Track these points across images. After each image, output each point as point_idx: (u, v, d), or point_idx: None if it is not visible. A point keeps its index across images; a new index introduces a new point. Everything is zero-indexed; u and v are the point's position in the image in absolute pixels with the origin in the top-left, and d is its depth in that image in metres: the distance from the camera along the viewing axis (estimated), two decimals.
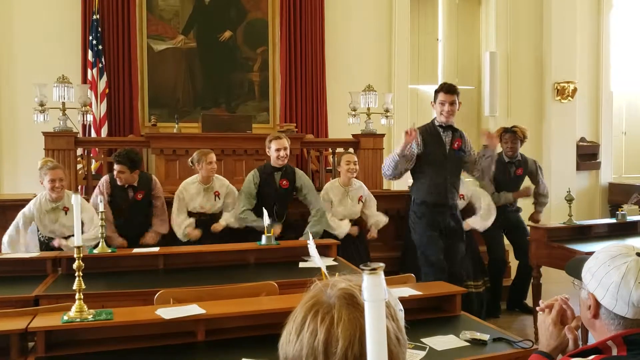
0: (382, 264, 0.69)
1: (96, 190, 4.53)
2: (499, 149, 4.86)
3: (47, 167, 4.05)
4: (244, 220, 4.61)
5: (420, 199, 4.15)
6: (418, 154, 4.06)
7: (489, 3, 8.70)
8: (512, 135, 5.02)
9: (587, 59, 8.95)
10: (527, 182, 5.32)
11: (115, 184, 4.50)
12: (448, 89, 4.07)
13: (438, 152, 4.09)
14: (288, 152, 4.67)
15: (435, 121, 4.16)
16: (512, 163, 5.18)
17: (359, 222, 5.02)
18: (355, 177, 4.96)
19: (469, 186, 5.01)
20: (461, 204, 4.68)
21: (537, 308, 1.72)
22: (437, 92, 4.13)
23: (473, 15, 8.88)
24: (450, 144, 4.12)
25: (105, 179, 4.59)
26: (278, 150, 4.61)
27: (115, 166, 4.43)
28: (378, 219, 4.98)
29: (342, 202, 4.87)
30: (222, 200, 4.71)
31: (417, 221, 4.17)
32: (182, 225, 4.57)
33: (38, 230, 4.24)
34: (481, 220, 4.89)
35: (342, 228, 4.79)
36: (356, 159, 4.93)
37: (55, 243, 4.10)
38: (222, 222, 4.64)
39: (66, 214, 4.11)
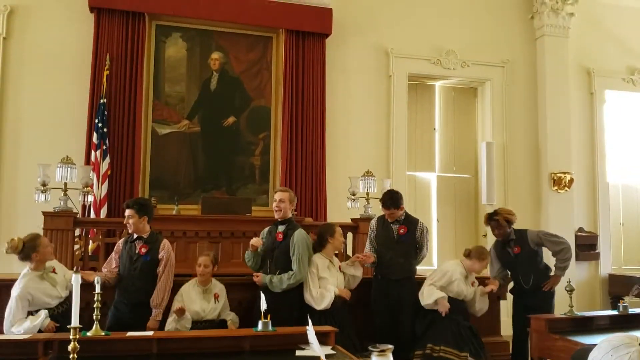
0: (390, 346, 0.68)
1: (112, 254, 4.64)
2: None
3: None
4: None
5: (374, 272, 5.33)
6: (374, 237, 5.34)
7: (485, 95, 8.99)
8: (495, 222, 5.37)
9: (582, 151, 9.10)
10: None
11: (127, 241, 4.56)
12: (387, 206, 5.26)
13: (387, 237, 5.27)
14: (284, 205, 4.80)
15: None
16: (507, 243, 5.42)
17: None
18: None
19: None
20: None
21: None
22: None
23: (469, 107, 9.15)
24: (396, 231, 5.26)
25: (121, 240, 4.71)
26: (274, 201, 4.88)
27: (125, 212, 4.51)
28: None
29: (331, 272, 4.85)
30: (221, 303, 4.66)
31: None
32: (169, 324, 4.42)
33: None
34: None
35: (328, 295, 4.67)
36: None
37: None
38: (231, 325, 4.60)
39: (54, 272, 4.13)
